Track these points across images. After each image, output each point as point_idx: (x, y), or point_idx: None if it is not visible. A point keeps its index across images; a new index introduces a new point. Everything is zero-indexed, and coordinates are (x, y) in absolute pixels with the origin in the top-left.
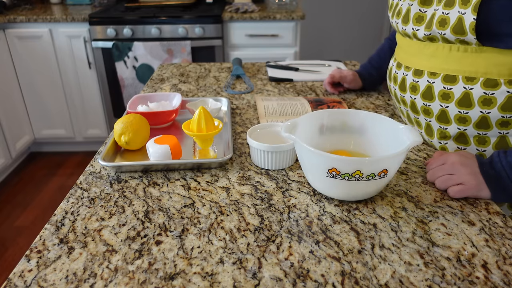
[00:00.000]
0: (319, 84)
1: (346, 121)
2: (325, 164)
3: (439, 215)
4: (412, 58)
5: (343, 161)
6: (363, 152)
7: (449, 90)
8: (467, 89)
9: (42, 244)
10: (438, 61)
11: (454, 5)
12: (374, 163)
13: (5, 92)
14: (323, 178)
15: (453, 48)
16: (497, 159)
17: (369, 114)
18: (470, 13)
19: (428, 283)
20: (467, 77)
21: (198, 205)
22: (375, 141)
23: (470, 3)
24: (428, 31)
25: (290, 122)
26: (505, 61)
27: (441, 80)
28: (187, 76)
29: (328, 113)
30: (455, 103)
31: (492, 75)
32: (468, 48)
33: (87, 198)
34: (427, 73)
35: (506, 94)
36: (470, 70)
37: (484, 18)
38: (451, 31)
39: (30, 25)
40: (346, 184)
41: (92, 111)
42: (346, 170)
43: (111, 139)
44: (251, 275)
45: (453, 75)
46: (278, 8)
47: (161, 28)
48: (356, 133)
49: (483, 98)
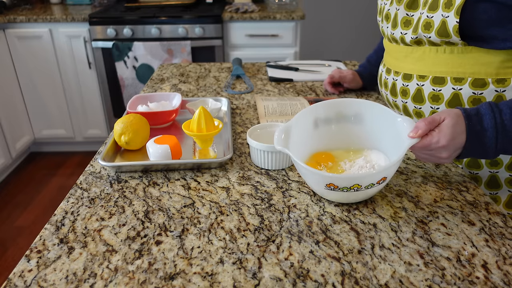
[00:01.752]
0: (319, 84)
1: (341, 111)
2: (322, 181)
3: (439, 215)
4: (400, 63)
5: (340, 179)
6: (361, 146)
7: (438, 91)
8: (456, 90)
9: (42, 244)
10: (426, 64)
11: (438, 8)
12: (372, 176)
13: (5, 92)
14: (321, 189)
15: (440, 50)
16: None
17: (363, 102)
18: (453, 16)
19: (428, 283)
20: (455, 78)
21: (198, 205)
22: (372, 132)
23: (453, 6)
24: (414, 35)
25: (281, 131)
26: (492, 60)
27: (430, 83)
28: (187, 76)
29: (322, 105)
30: (445, 104)
31: (480, 75)
32: (455, 49)
33: (87, 198)
34: (416, 77)
35: (494, 93)
36: (458, 71)
37: (467, 20)
38: (436, 34)
39: (30, 25)
40: (345, 193)
41: (92, 111)
42: (344, 185)
43: (111, 139)
44: (251, 275)
45: (442, 77)
46: (278, 8)
47: (161, 28)
48: (352, 123)
49: (472, 98)
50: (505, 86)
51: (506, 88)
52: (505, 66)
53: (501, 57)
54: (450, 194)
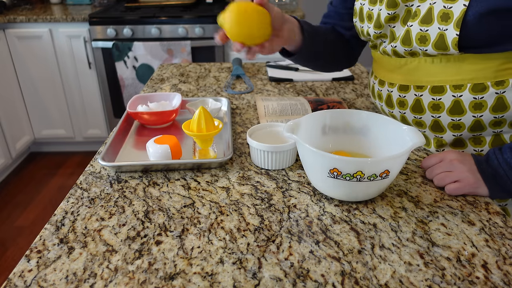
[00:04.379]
0: (319, 84)
1: (349, 122)
2: (327, 164)
3: (439, 215)
4: (394, 74)
5: (345, 162)
6: (366, 153)
7: (438, 100)
8: (457, 97)
9: (42, 244)
10: (422, 75)
11: (433, 21)
12: (376, 164)
13: (5, 92)
14: (324, 178)
15: (435, 60)
16: (493, 156)
17: (372, 114)
18: (452, 29)
19: (428, 283)
20: (455, 85)
21: (198, 205)
22: (378, 142)
23: (452, 19)
24: (408, 47)
25: (292, 122)
26: (489, 64)
27: (429, 92)
28: (187, 76)
29: (331, 114)
30: (446, 112)
31: (479, 80)
32: (451, 58)
33: (87, 198)
34: (413, 87)
35: (495, 96)
36: (457, 78)
37: (468, 32)
38: (433, 47)
39: (30, 25)
40: (347, 185)
41: (92, 111)
42: (348, 170)
43: (111, 139)
44: (251, 275)
45: (440, 85)
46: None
47: (161, 28)
48: (359, 134)
49: (474, 103)
50: (504, 88)
51: (506, 89)
52: (503, 68)
53: (498, 60)
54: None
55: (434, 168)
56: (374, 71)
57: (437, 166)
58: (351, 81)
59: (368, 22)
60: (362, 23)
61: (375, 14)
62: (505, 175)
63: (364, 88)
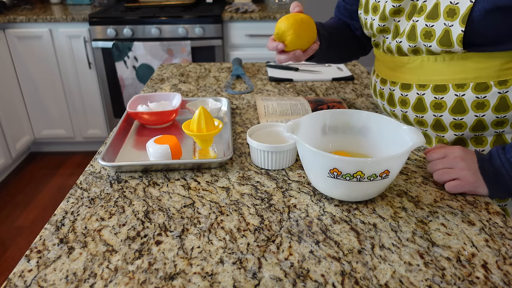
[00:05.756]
0: (319, 84)
1: (349, 122)
2: (327, 164)
3: (439, 215)
4: (396, 73)
5: (344, 162)
6: (366, 153)
7: (440, 99)
8: (459, 96)
9: (42, 244)
10: (425, 73)
11: (439, 17)
12: (376, 164)
13: (5, 92)
14: (324, 178)
15: (439, 59)
16: (496, 155)
17: (372, 114)
18: (458, 25)
19: (428, 283)
20: (457, 84)
21: (198, 205)
22: (378, 142)
23: (458, 15)
24: (413, 43)
25: (292, 122)
26: (492, 63)
27: (431, 91)
28: (187, 76)
29: (331, 114)
30: (448, 111)
31: (482, 79)
32: (454, 57)
33: (87, 198)
34: (415, 86)
35: (497, 95)
36: (460, 77)
37: (474, 29)
38: (438, 43)
39: (30, 25)
40: (347, 185)
41: (92, 111)
42: (348, 170)
43: (111, 139)
44: (251, 275)
45: (443, 84)
46: (278, 8)
47: (161, 28)
48: (359, 134)
49: (476, 102)
50: (507, 87)
51: (508, 89)
52: (506, 68)
53: (502, 59)
54: (450, 194)
55: (436, 163)
56: (376, 70)
57: (439, 162)
58: (351, 81)
59: (373, 14)
60: (367, 14)
61: (381, 6)
62: (507, 174)
63: (364, 88)
